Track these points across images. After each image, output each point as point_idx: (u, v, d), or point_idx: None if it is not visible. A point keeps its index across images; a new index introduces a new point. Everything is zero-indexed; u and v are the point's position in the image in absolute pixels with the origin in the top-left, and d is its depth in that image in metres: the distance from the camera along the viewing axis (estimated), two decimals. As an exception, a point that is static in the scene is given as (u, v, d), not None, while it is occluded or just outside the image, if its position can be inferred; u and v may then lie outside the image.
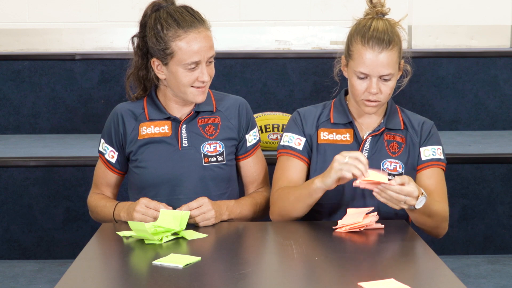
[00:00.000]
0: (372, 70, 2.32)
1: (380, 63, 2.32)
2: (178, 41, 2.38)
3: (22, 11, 4.66)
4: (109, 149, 2.55)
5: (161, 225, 2.20)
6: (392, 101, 2.50)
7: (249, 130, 2.58)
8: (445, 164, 2.47)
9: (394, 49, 2.34)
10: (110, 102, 4.33)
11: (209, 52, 2.40)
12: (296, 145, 2.47)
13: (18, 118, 4.34)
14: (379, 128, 2.45)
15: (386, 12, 2.42)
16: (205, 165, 2.49)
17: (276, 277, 1.91)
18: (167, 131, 2.50)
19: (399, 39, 2.38)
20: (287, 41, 4.67)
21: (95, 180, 2.63)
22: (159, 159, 2.49)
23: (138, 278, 1.94)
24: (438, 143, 2.48)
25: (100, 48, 4.66)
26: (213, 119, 2.53)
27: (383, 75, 2.33)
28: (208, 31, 2.41)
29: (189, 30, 2.38)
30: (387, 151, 2.43)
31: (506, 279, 3.46)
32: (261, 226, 2.36)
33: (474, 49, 4.58)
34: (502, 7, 4.72)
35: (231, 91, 4.18)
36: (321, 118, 2.49)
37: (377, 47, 2.32)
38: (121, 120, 2.53)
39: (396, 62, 2.35)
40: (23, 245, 3.75)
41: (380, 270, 1.95)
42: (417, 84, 4.35)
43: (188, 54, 2.38)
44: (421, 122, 2.48)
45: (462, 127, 4.38)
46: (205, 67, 2.40)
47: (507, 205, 3.75)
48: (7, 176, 3.71)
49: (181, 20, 2.38)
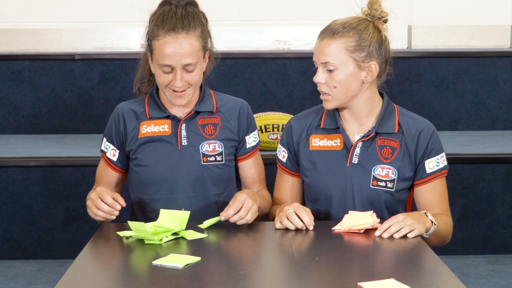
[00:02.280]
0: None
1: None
2: (156, 40, 2.40)
3: (22, 11, 4.66)
4: (110, 148, 2.56)
5: (161, 225, 2.21)
6: (388, 102, 2.43)
7: (250, 132, 2.59)
8: (447, 170, 2.44)
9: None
10: (110, 102, 4.33)
11: (183, 59, 2.38)
12: (282, 158, 2.53)
13: (18, 118, 4.34)
14: (369, 133, 2.40)
15: (385, 15, 2.40)
16: (203, 164, 2.49)
17: (276, 277, 1.91)
18: (167, 130, 2.51)
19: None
20: (287, 41, 4.67)
21: (97, 178, 2.63)
22: (158, 158, 2.49)
23: (138, 278, 1.94)
24: (441, 150, 2.42)
25: (100, 48, 4.67)
26: (213, 119, 2.54)
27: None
28: (191, 38, 2.39)
29: (167, 33, 2.38)
30: (379, 157, 2.39)
31: (506, 279, 3.46)
32: (261, 226, 2.36)
33: (474, 49, 4.58)
34: (502, 7, 4.72)
35: (231, 91, 4.18)
36: (312, 123, 2.48)
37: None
38: (122, 119, 2.53)
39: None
40: (23, 245, 3.75)
41: (380, 270, 1.95)
42: (417, 84, 4.35)
43: (160, 56, 2.39)
44: (419, 130, 2.40)
45: (462, 127, 4.38)
46: (179, 73, 2.39)
47: (507, 205, 3.75)
48: (7, 176, 3.71)
49: (166, 21, 2.39)
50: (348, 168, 2.39)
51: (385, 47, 2.37)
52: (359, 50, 2.33)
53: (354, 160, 2.39)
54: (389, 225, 2.17)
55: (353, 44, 2.32)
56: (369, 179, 2.38)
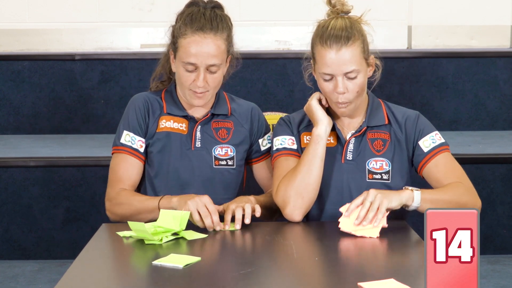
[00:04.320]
0: (334, 69, 2.30)
1: (342, 61, 2.30)
2: (183, 38, 2.42)
3: (22, 11, 4.66)
4: (136, 139, 2.51)
5: (161, 225, 2.20)
6: (373, 97, 2.45)
7: (263, 134, 2.59)
8: (448, 146, 2.40)
9: (355, 44, 2.31)
10: (110, 102, 4.33)
11: (208, 60, 2.40)
12: (290, 145, 2.45)
13: (18, 118, 4.34)
14: (361, 128, 2.40)
15: (347, 10, 2.39)
16: (215, 168, 2.50)
17: (276, 277, 1.91)
18: (184, 129, 2.51)
19: (361, 34, 2.34)
20: (287, 41, 4.68)
21: (119, 176, 2.49)
22: (172, 155, 2.49)
23: (138, 278, 1.94)
24: (432, 129, 2.42)
25: (100, 48, 4.67)
26: (227, 123, 2.55)
27: (347, 72, 2.30)
28: (218, 40, 2.42)
29: (196, 32, 2.41)
30: (372, 150, 2.39)
31: (506, 279, 3.46)
32: (261, 226, 2.36)
33: (474, 49, 4.58)
34: (502, 7, 4.72)
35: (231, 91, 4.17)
36: (303, 122, 2.48)
37: (335, 45, 2.30)
38: (146, 108, 2.52)
39: (359, 57, 2.32)
40: (23, 245, 3.75)
41: (380, 270, 1.95)
42: (417, 84, 4.35)
43: (186, 53, 2.40)
44: (404, 117, 2.42)
45: (462, 127, 4.38)
46: (202, 73, 2.41)
47: (507, 205, 3.75)
48: (7, 176, 3.71)
49: (195, 20, 2.42)
50: (343, 164, 2.39)
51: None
52: (366, 49, 2.35)
53: (348, 156, 2.39)
54: (355, 209, 2.17)
55: (362, 46, 2.33)
56: (364, 173, 2.38)
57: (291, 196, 2.33)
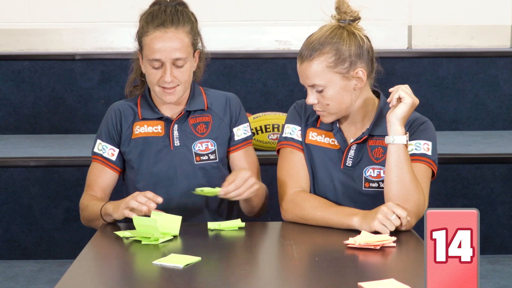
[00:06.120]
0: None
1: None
2: (146, 36, 2.46)
3: (22, 11, 4.65)
4: (108, 148, 2.55)
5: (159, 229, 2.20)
6: (385, 103, 2.36)
7: (238, 124, 2.58)
8: (433, 162, 2.32)
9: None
10: (110, 102, 4.29)
11: (172, 54, 2.42)
12: (298, 137, 2.41)
13: (18, 118, 4.34)
14: (362, 136, 2.36)
15: (356, 16, 2.34)
16: (196, 164, 2.51)
17: (276, 277, 1.91)
18: (160, 131, 2.52)
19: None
20: (287, 41, 4.67)
21: (90, 182, 2.58)
22: (152, 159, 2.51)
23: (138, 278, 1.94)
24: (426, 138, 2.33)
25: (100, 48, 4.66)
26: (205, 118, 2.55)
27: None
28: (180, 33, 2.44)
29: (157, 28, 2.44)
30: (370, 158, 2.35)
31: (506, 279, 3.46)
32: (261, 226, 2.36)
33: (474, 49, 4.58)
34: (502, 7, 4.72)
35: (231, 91, 4.16)
36: (312, 116, 2.42)
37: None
38: (119, 117, 2.55)
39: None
40: (23, 245, 3.75)
41: (380, 270, 1.95)
42: (417, 84, 4.34)
43: (150, 50, 2.43)
44: (410, 121, 2.34)
45: (462, 127, 4.38)
46: (169, 68, 2.42)
47: (507, 205, 3.75)
48: (7, 176, 3.71)
49: (156, 17, 2.45)
50: (341, 170, 2.36)
51: (366, 48, 2.31)
52: (340, 63, 2.27)
53: (348, 162, 2.36)
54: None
55: (333, 60, 2.27)
56: (361, 181, 2.35)
57: (295, 218, 2.34)
